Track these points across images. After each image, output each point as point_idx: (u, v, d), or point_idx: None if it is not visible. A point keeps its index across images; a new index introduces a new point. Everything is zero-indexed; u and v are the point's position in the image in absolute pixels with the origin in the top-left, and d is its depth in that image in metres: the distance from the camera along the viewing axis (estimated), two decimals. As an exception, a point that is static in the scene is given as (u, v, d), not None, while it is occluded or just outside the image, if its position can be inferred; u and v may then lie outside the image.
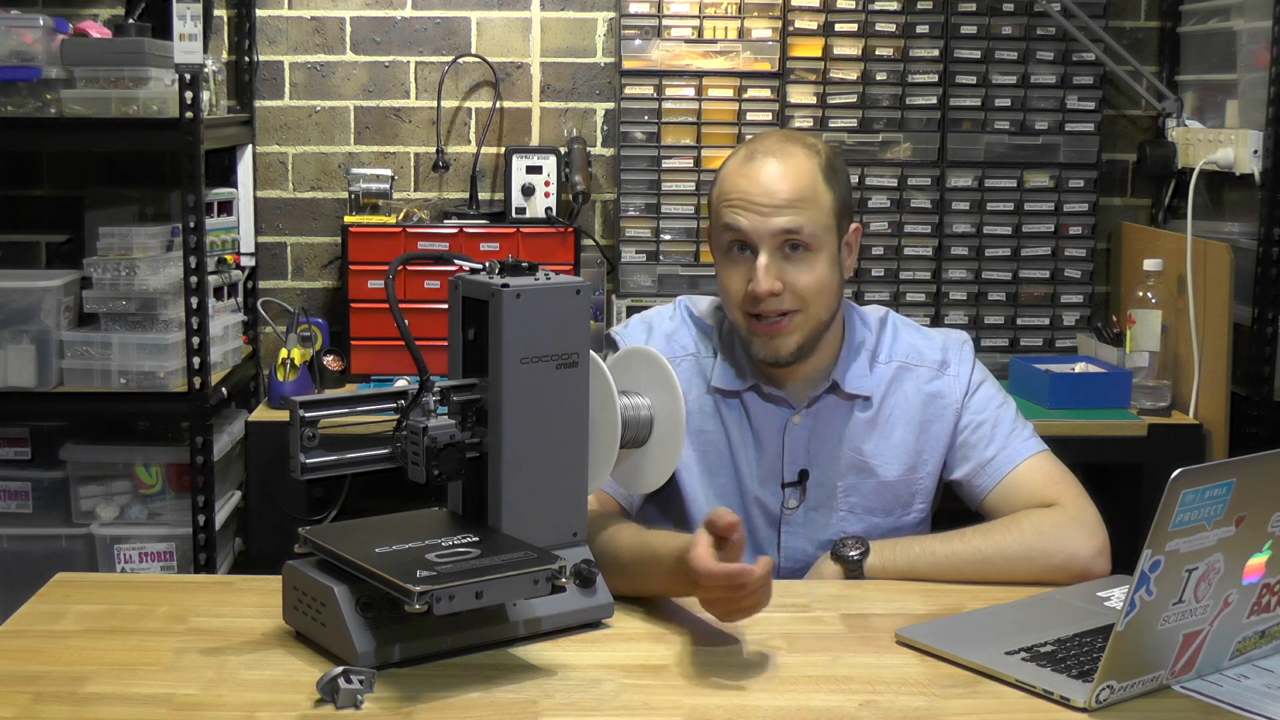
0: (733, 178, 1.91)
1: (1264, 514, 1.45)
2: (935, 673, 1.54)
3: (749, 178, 1.89)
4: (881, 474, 1.97)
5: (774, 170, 1.88)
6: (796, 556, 1.98)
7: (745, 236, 1.88)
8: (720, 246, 1.93)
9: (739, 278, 1.90)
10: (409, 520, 1.67)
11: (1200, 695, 1.47)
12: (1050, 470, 1.96)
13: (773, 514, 1.98)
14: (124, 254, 2.99)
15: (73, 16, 3.20)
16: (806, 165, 1.89)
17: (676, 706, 1.45)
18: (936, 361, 2.01)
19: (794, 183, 1.87)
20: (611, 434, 1.72)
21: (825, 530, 1.97)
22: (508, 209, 3.34)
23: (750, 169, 1.89)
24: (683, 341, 2.02)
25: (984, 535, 1.88)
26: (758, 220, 1.87)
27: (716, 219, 1.93)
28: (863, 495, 1.98)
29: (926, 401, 1.98)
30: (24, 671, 1.51)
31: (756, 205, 1.87)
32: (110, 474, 3.09)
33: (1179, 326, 3.10)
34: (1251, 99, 3.07)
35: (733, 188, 1.90)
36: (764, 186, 1.87)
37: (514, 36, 3.46)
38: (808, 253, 1.88)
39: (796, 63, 3.39)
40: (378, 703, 1.44)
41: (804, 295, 1.88)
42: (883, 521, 1.98)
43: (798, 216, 1.86)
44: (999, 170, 3.43)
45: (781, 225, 1.86)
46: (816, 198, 1.88)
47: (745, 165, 1.90)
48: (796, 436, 1.97)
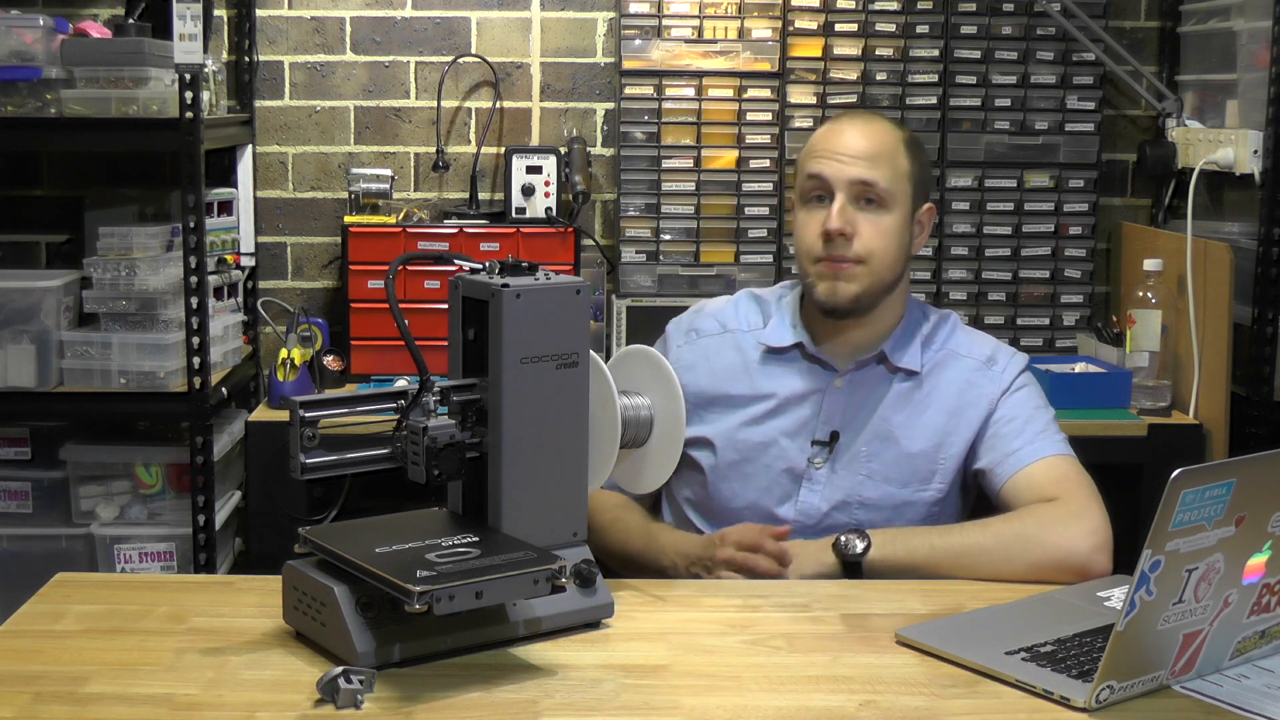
0: (821, 135, 2.06)
1: (1264, 514, 1.45)
2: (935, 673, 1.54)
3: (835, 134, 2.03)
4: (905, 445, 2.02)
5: (858, 128, 2.03)
6: (809, 512, 2.02)
7: (824, 183, 2.00)
8: (802, 197, 2.04)
9: (814, 223, 2.01)
10: (409, 520, 1.67)
11: (1200, 695, 1.47)
12: (1065, 470, 1.99)
13: (796, 469, 2.03)
14: (124, 254, 2.99)
15: (73, 16, 3.20)
16: (889, 131, 2.04)
17: (676, 706, 1.45)
18: (985, 356, 2.08)
19: (874, 140, 2.01)
20: (611, 434, 1.72)
21: (841, 492, 2.02)
22: (508, 209, 3.34)
23: (838, 126, 2.05)
24: (726, 317, 2.14)
25: (983, 527, 1.92)
26: (837, 168, 1.99)
27: (801, 172, 2.06)
28: (884, 463, 2.02)
29: (964, 388, 2.04)
30: (24, 671, 1.51)
31: (838, 155, 2.00)
32: (110, 474, 3.09)
33: (1179, 326, 3.10)
34: (1251, 99, 3.07)
35: (819, 141, 2.04)
36: (846, 140, 2.01)
37: (514, 36, 3.46)
38: (880, 209, 2.00)
39: (796, 63, 3.39)
40: (378, 703, 1.44)
41: (870, 246, 1.99)
42: (899, 492, 2.01)
43: (874, 170, 1.98)
44: (999, 170, 3.43)
45: (858, 174, 1.98)
46: (894, 159, 2.01)
47: (834, 124, 2.07)
48: (835, 399, 2.05)
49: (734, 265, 3.42)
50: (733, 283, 3.38)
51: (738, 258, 3.42)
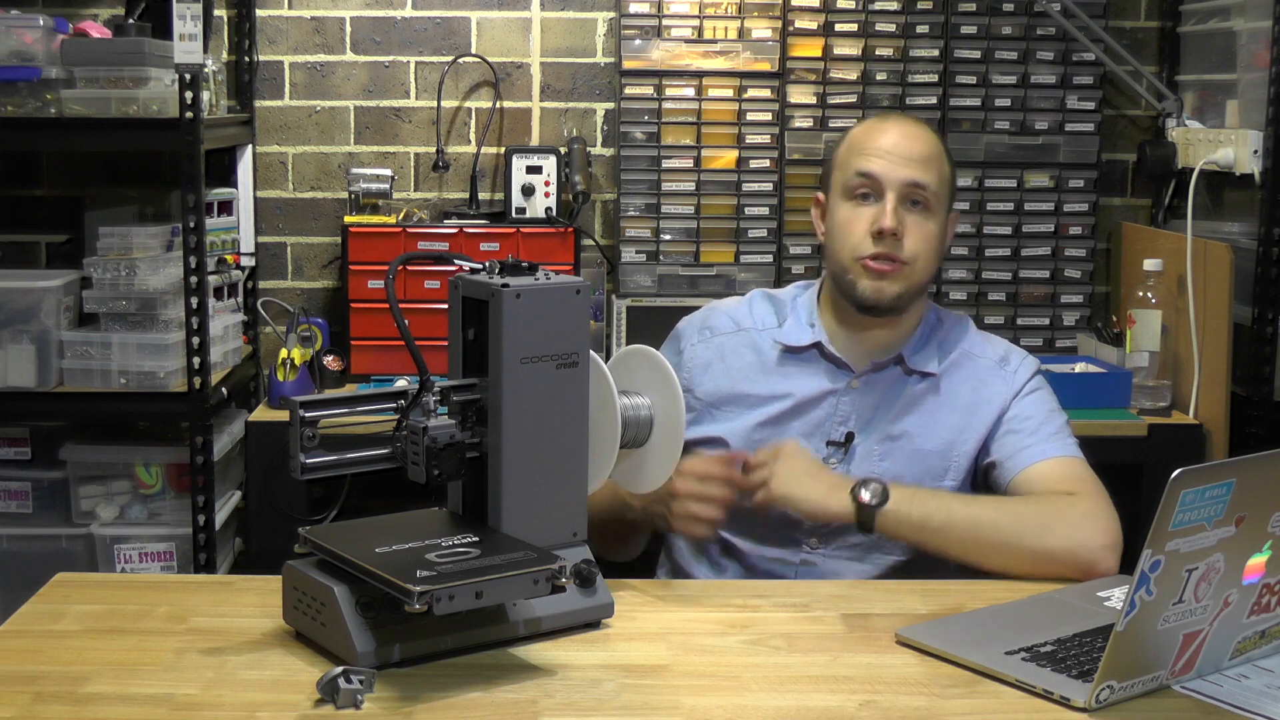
0: (867, 132, 2.05)
1: (1264, 514, 1.45)
2: (935, 673, 1.54)
3: (883, 133, 2.03)
4: (919, 443, 2.03)
5: (907, 130, 2.04)
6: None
7: (876, 182, 2.00)
8: (847, 192, 2.03)
9: (862, 221, 2.01)
10: (409, 520, 1.67)
11: (1200, 695, 1.47)
12: (1078, 471, 2.00)
13: None
14: (124, 254, 2.99)
15: (73, 16, 3.20)
16: (933, 137, 2.06)
17: (676, 706, 1.45)
18: (998, 357, 2.10)
19: (925, 144, 2.03)
20: (611, 434, 1.72)
21: None
22: (508, 209, 3.34)
23: (885, 125, 2.05)
24: (741, 316, 2.14)
25: (1001, 504, 1.93)
26: (890, 168, 1.99)
27: (845, 168, 2.04)
28: (896, 460, 2.02)
29: (977, 387, 2.05)
30: (24, 671, 1.51)
31: (890, 155, 2.00)
32: (110, 474, 3.09)
33: (1179, 326, 3.10)
34: (1251, 99, 3.07)
35: (868, 140, 2.03)
36: (898, 140, 2.02)
37: (514, 36, 3.46)
38: (926, 212, 2.01)
39: (796, 63, 3.39)
40: (378, 703, 1.44)
41: (917, 249, 2.00)
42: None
43: (926, 172, 2.00)
44: (999, 170, 3.43)
45: (912, 176, 1.99)
46: (940, 164, 2.04)
47: (880, 123, 2.06)
48: (851, 400, 2.05)
49: (734, 265, 3.42)
50: (733, 283, 3.38)
51: (738, 258, 3.42)
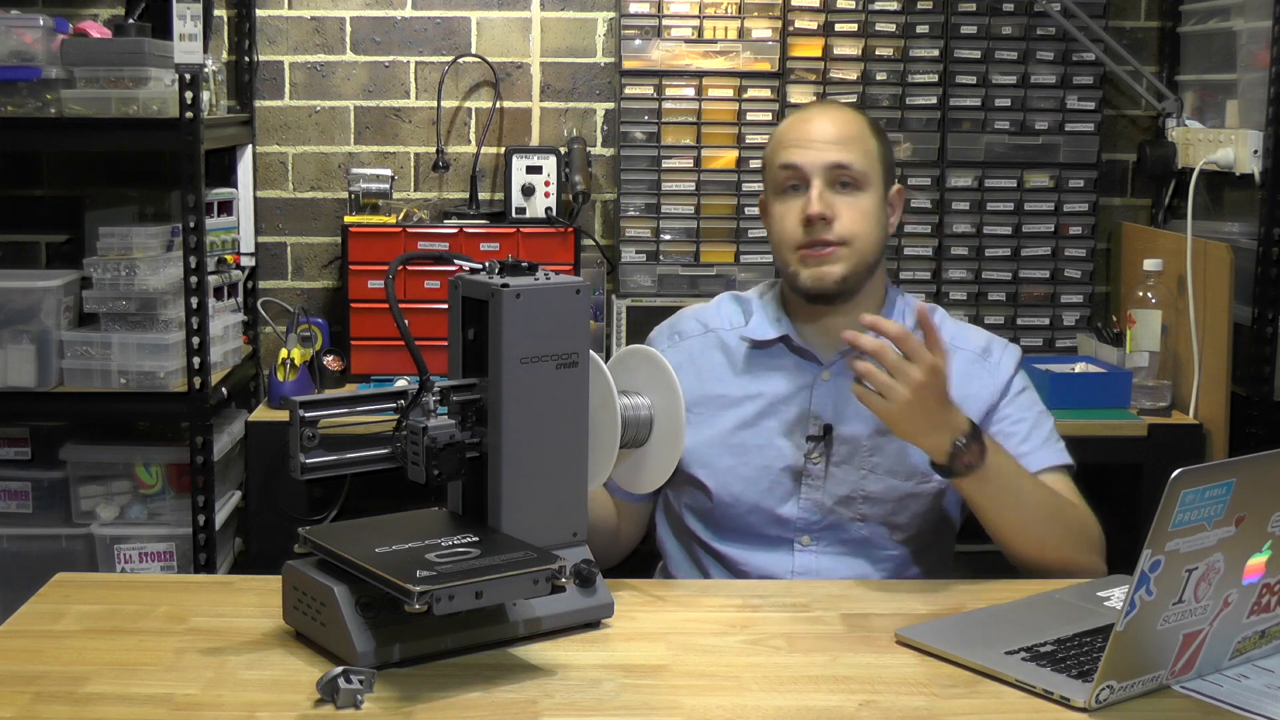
0: (788, 127, 2.07)
1: (1264, 514, 1.45)
2: (935, 673, 1.54)
3: (803, 123, 2.05)
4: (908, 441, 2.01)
5: (825, 115, 2.06)
6: (813, 510, 2.01)
7: (799, 172, 2.01)
8: (776, 188, 2.04)
9: (792, 213, 2.01)
10: (409, 520, 1.67)
11: (1200, 695, 1.47)
12: (1069, 480, 2.02)
13: (795, 466, 2.02)
14: (124, 254, 2.99)
15: (73, 16, 3.20)
16: (855, 116, 2.07)
17: (676, 706, 1.45)
18: (980, 348, 2.09)
19: (843, 126, 2.03)
20: (611, 434, 1.72)
21: (845, 486, 2.01)
22: (508, 209, 3.34)
23: (804, 116, 2.07)
24: (708, 317, 2.14)
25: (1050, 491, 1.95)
26: (810, 155, 2.00)
27: (772, 165, 2.06)
28: (886, 456, 2.01)
29: (962, 380, 2.01)
30: (24, 671, 1.51)
31: (810, 142, 2.01)
32: (110, 474, 3.09)
33: (1179, 326, 3.10)
34: (1251, 99, 3.07)
35: (787, 133, 2.05)
36: (816, 128, 2.03)
37: (514, 36, 3.46)
38: (856, 190, 2.01)
39: (796, 63, 3.39)
40: (378, 703, 1.44)
41: (851, 228, 1.99)
42: (903, 485, 2.01)
43: (847, 152, 2.00)
44: (999, 170, 3.43)
45: (833, 158, 1.99)
46: (864, 141, 2.03)
47: (799, 115, 2.09)
48: (825, 392, 2.03)
49: (734, 265, 3.42)
50: (733, 283, 3.38)
51: (738, 258, 3.42)
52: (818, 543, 2.01)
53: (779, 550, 2.02)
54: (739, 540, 2.03)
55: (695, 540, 2.06)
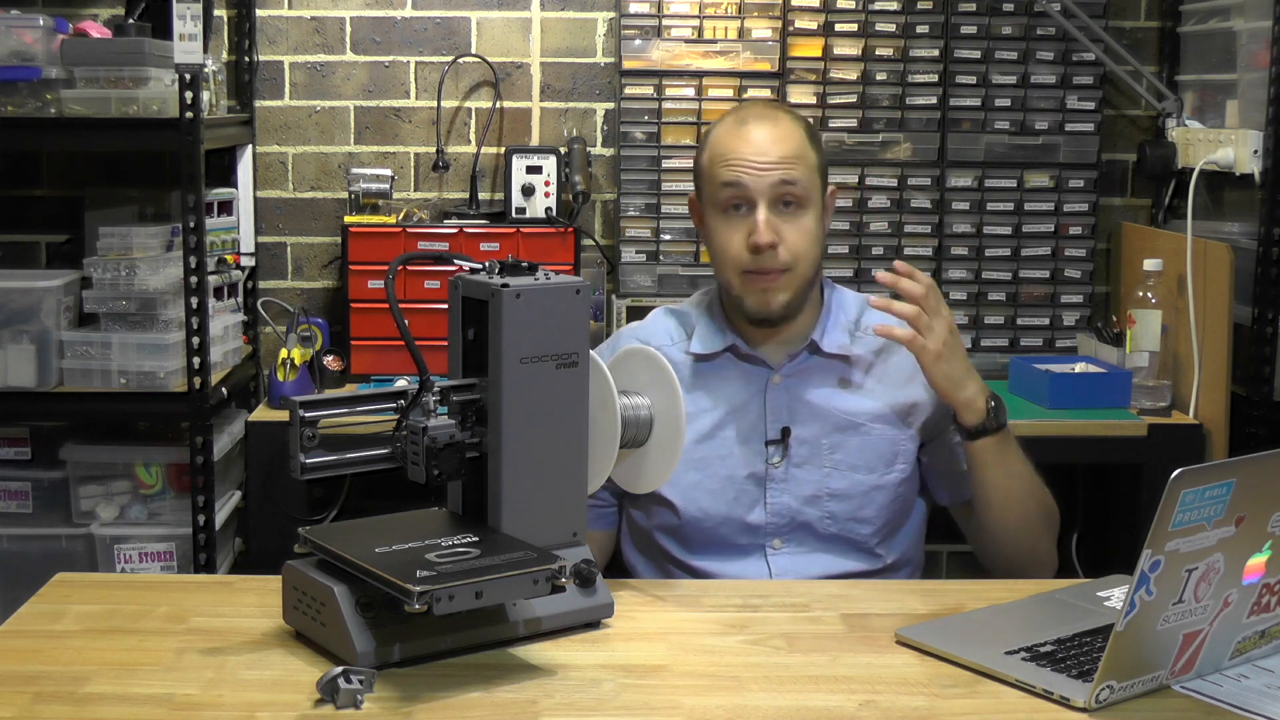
0: (726, 139, 2.02)
1: (1264, 514, 1.45)
2: (935, 673, 1.54)
3: (744, 139, 2.00)
4: (866, 432, 2.03)
5: (767, 132, 2.00)
6: (782, 512, 2.02)
7: (745, 192, 1.98)
8: (718, 207, 2.01)
9: (737, 235, 1.99)
10: (409, 520, 1.67)
11: (1200, 695, 1.47)
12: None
13: (758, 473, 2.02)
14: (124, 254, 2.99)
15: (73, 16, 3.20)
16: (794, 127, 2.02)
17: (676, 706, 1.45)
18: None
19: (786, 142, 1.99)
20: (611, 434, 1.72)
21: (809, 486, 2.02)
22: (508, 209, 3.34)
23: (744, 131, 2.01)
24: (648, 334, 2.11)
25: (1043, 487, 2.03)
26: (756, 176, 1.97)
27: (712, 181, 2.02)
28: (848, 452, 2.02)
29: (914, 372, 2.03)
30: (24, 671, 1.51)
31: (754, 163, 1.97)
32: (110, 474, 3.09)
33: (1179, 326, 3.10)
34: (1251, 99, 3.07)
35: (728, 149, 2.01)
36: (759, 146, 1.98)
37: (514, 36, 3.46)
38: (799, 209, 1.99)
39: (796, 63, 3.39)
40: (378, 703, 1.44)
41: (797, 251, 1.98)
42: (866, 478, 2.02)
43: (792, 171, 1.98)
44: (999, 170, 3.43)
45: (779, 178, 1.97)
46: (805, 156, 2.01)
47: (738, 129, 2.02)
48: (778, 396, 2.04)
49: (734, 265, 3.41)
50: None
51: (738, 258, 3.41)
52: (789, 544, 2.02)
53: (752, 557, 2.02)
54: (712, 552, 2.03)
55: (668, 558, 2.05)
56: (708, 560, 2.02)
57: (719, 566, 2.01)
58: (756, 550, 2.02)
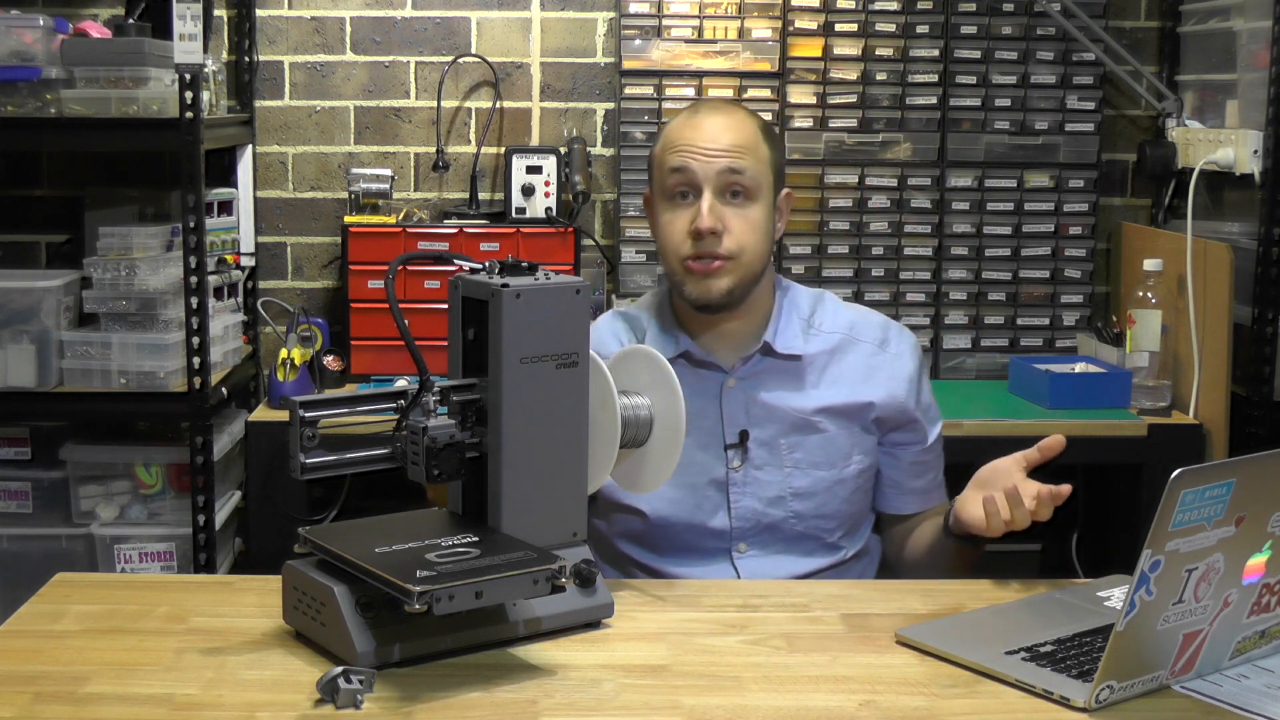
0: (679, 129, 2.02)
1: (1264, 514, 1.45)
2: (935, 673, 1.54)
3: (695, 128, 1.99)
4: (823, 429, 2.03)
5: (718, 121, 1.99)
6: (747, 516, 2.02)
7: (691, 178, 1.97)
8: (665, 193, 2.01)
9: (681, 221, 1.99)
10: (409, 520, 1.67)
11: (1200, 695, 1.47)
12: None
13: (719, 478, 2.02)
14: (124, 254, 2.99)
15: (73, 16, 3.20)
16: (747, 120, 2.01)
17: (676, 706, 1.45)
18: (877, 340, 2.09)
19: (736, 132, 1.98)
20: (611, 434, 1.72)
21: (772, 488, 2.02)
22: (508, 209, 3.34)
23: (695, 120, 2.01)
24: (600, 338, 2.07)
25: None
26: (703, 162, 1.96)
27: (661, 168, 2.01)
28: (808, 450, 2.03)
29: (867, 374, 2.05)
30: (24, 671, 1.51)
31: (702, 149, 1.97)
32: (110, 474, 3.09)
33: (1179, 326, 3.10)
34: (1251, 99, 3.07)
35: (678, 137, 2.00)
36: (708, 134, 1.98)
37: (514, 36, 3.46)
38: (746, 200, 1.98)
39: (796, 63, 3.39)
40: (378, 703, 1.44)
41: (741, 241, 1.97)
42: (827, 474, 2.03)
43: (741, 160, 1.97)
44: (999, 170, 3.43)
45: (725, 165, 1.96)
46: (756, 148, 1.99)
47: (690, 119, 2.02)
48: (734, 399, 2.03)
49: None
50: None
51: (738, 258, 3.41)
52: (754, 547, 2.02)
53: (718, 561, 2.02)
54: (678, 557, 2.03)
55: (633, 564, 2.05)
56: (674, 564, 2.02)
57: (685, 570, 2.01)
58: (722, 554, 2.02)
